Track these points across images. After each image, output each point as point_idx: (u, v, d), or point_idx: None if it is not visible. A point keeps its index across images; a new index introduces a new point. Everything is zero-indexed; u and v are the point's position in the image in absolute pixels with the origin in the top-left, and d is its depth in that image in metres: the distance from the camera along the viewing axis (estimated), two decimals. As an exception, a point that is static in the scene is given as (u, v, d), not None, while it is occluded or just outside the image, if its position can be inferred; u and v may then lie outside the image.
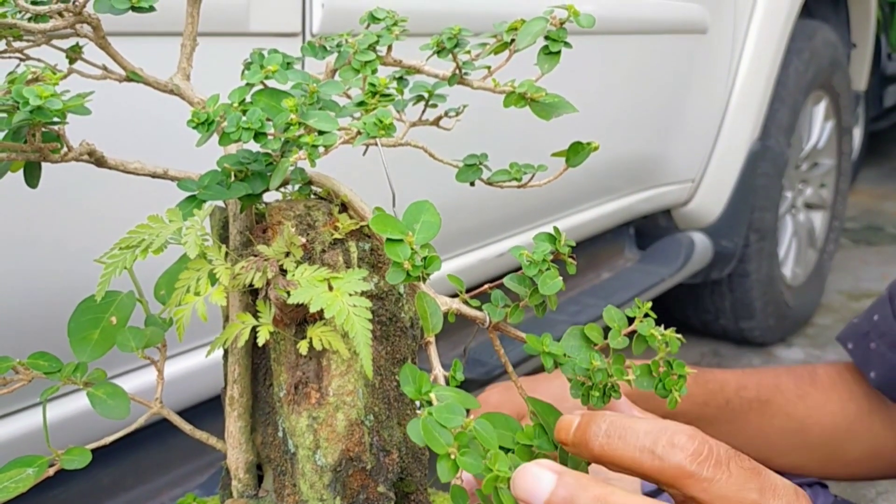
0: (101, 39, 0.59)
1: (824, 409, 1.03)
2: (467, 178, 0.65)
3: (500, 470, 0.47)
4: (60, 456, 0.54)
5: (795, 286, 2.80)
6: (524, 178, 0.65)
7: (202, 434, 0.59)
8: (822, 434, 1.02)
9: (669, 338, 0.53)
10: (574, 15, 0.58)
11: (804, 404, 1.03)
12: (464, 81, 0.62)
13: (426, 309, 0.52)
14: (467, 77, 0.62)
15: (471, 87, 0.62)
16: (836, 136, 2.99)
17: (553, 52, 0.58)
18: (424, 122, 0.73)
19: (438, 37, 0.60)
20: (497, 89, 0.60)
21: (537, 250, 0.54)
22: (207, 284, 0.49)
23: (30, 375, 0.55)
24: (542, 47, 0.59)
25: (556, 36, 0.58)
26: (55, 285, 0.89)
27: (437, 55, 0.60)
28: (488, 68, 0.61)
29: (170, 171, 0.59)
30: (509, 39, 0.60)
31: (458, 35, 0.60)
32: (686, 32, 2.18)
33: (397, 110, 0.72)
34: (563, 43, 0.58)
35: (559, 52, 0.58)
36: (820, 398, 1.03)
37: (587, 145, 0.62)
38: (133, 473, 1.18)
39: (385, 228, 0.48)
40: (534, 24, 0.59)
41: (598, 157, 0.64)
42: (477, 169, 0.65)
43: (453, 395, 0.49)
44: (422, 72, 0.63)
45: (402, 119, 0.72)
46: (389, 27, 0.62)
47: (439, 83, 0.66)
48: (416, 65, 0.63)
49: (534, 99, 0.58)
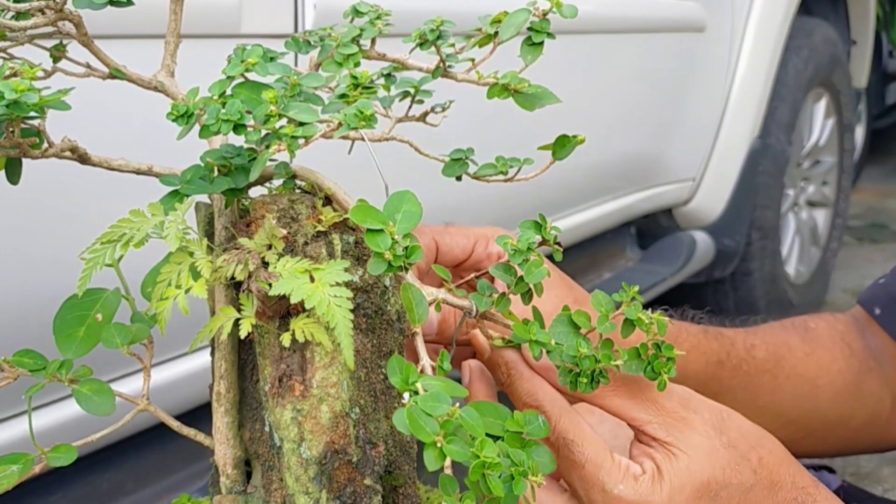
0: (84, 37, 0.59)
1: (831, 368, 0.98)
2: (453, 173, 0.65)
3: (488, 457, 0.46)
4: (47, 454, 0.54)
5: (799, 284, 2.79)
6: (510, 171, 0.65)
7: (190, 431, 0.58)
8: (832, 397, 0.97)
9: (657, 320, 0.53)
10: (557, 6, 0.58)
11: (814, 363, 0.97)
12: (448, 74, 0.61)
13: (411, 299, 0.52)
14: (451, 70, 0.61)
15: (455, 80, 0.62)
16: (838, 133, 2.98)
17: (536, 42, 0.58)
18: (411, 118, 0.73)
19: (421, 29, 0.60)
20: (481, 81, 0.60)
21: (522, 238, 0.54)
22: (189, 278, 0.49)
23: (15, 373, 0.55)
24: (524, 38, 0.59)
25: (539, 27, 0.58)
26: (41, 284, 0.89)
27: (419, 48, 0.60)
28: (472, 61, 0.61)
29: (154, 167, 0.59)
30: (493, 31, 0.60)
31: (441, 27, 0.59)
32: (684, 31, 2.18)
33: (384, 106, 0.72)
34: (546, 34, 0.58)
35: (542, 44, 0.58)
36: (826, 356, 0.98)
37: (573, 138, 0.61)
38: (132, 478, 1.18)
39: (365, 218, 0.47)
40: (517, 16, 0.59)
41: (597, 156, 0.64)
42: (463, 163, 0.64)
43: (440, 385, 0.48)
44: (406, 65, 0.63)
45: (388, 115, 0.72)
46: (373, 21, 0.62)
47: (425, 78, 0.66)
48: (400, 58, 0.63)
49: (517, 90, 0.58)
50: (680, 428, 0.58)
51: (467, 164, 0.65)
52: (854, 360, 0.98)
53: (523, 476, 0.48)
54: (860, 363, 0.98)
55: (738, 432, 0.60)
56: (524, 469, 0.48)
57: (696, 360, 0.86)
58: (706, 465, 0.57)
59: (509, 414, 0.52)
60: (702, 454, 0.58)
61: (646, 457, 0.58)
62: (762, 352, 0.95)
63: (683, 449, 0.58)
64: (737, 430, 0.60)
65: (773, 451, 0.61)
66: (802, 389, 0.96)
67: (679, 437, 0.58)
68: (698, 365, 0.86)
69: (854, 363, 0.98)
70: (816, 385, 0.97)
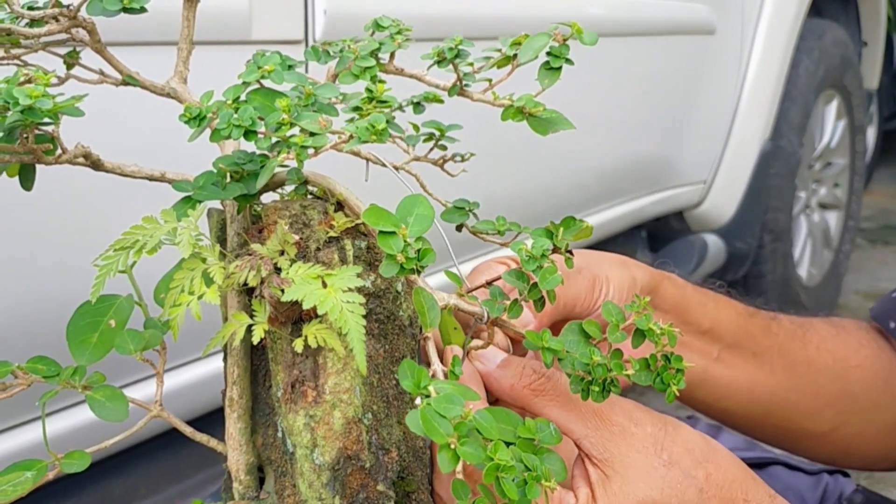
0: (97, 44, 0.59)
1: (860, 351, 0.92)
2: (453, 220, 0.64)
3: (502, 459, 0.46)
4: (60, 460, 0.54)
5: (811, 287, 2.78)
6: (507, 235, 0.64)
7: (202, 436, 0.58)
8: (862, 380, 0.92)
9: (668, 332, 0.52)
10: (577, 32, 0.58)
11: (842, 343, 0.92)
12: (464, 93, 0.61)
13: (423, 304, 0.52)
14: (467, 89, 0.61)
15: (470, 99, 0.61)
16: (849, 134, 2.97)
17: (554, 67, 0.58)
18: (430, 160, 0.71)
19: (439, 47, 0.60)
20: (496, 102, 0.59)
21: (536, 245, 0.54)
22: (202, 284, 0.49)
23: (29, 380, 0.55)
24: (543, 63, 0.58)
25: (558, 52, 0.58)
26: (54, 290, 0.89)
27: (437, 65, 0.60)
28: (489, 81, 0.60)
29: (167, 173, 0.59)
30: (512, 54, 0.59)
31: (459, 46, 0.59)
32: (694, 33, 2.17)
33: (408, 144, 0.71)
34: (565, 59, 0.58)
35: (560, 68, 0.58)
36: (852, 340, 0.93)
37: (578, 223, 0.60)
38: (145, 483, 1.18)
39: (378, 221, 0.47)
40: (537, 40, 0.59)
41: (608, 159, 0.64)
42: (464, 213, 0.64)
43: (452, 389, 0.48)
44: (422, 81, 0.62)
45: (409, 152, 0.71)
46: (393, 35, 0.62)
47: (453, 126, 0.65)
48: (417, 74, 0.63)
49: (531, 114, 0.57)
50: (618, 443, 0.56)
51: (468, 215, 0.64)
52: (883, 353, 0.94)
53: (536, 481, 0.48)
54: (891, 363, 0.94)
55: (684, 447, 0.57)
56: (537, 474, 0.48)
57: (727, 309, 0.83)
58: (642, 486, 0.55)
59: (521, 420, 0.52)
60: (637, 474, 0.55)
61: (582, 480, 0.56)
62: (787, 321, 0.90)
63: (618, 469, 0.55)
64: (682, 444, 0.57)
65: (722, 467, 0.57)
66: (834, 368, 0.90)
67: (615, 454, 0.55)
68: (729, 314, 0.83)
69: (884, 356, 0.94)
70: (847, 365, 0.91)
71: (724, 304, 0.85)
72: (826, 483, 1.03)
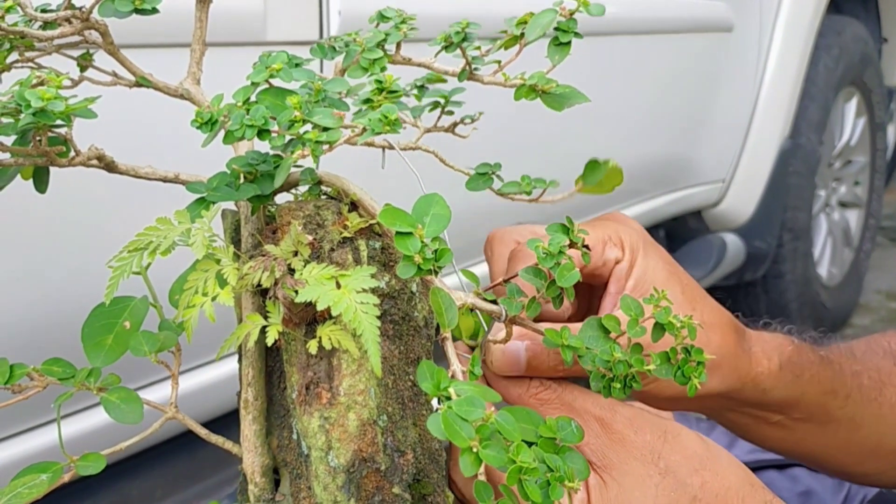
0: (110, 46, 0.59)
1: None
2: (478, 187, 0.64)
3: (524, 462, 0.45)
4: (76, 462, 0.54)
5: (832, 286, 2.75)
6: (535, 192, 0.64)
7: (218, 438, 0.58)
8: None
9: (688, 325, 0.52)
10: (584, 4, 0.57)
11: None
12: (474, 77, 0.61)
13: (441, 304, 0.51)
14: (477, 72, 0.61)
15: (482, 82, 0.61)
16: (869, 132, 2.94)
17: (563, 42, 0.57)
18: (440, 128, 0.72)
19: (446, 32, 0.59)
20: (508, 83, 0.59)
21: (553, 241, 0.53)
22: (215, 285, 0.49)
23: (44, 382, 0.55)
24: (552, 38, 0.58)
25: (565, 27, 0.58)
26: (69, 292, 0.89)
27: (445, 51, 0.60)
28: (498, 63, 0.60)
29: (181, 175, 0.59)
30: (519, 33, 0.59)
31: (466, 29, 0.59)
32: (712, 31, 2.16)
33: (413, 116, 0.72)
34: (574, 33, 0.57)
35: (569, 44, 0.58)
36: None
37: (604, 164, 0.60)
38: (161, 485, 1.18)
39: (394, 221, 0.47)
40: (543, 16, 0.58)
41: (626, 158, 0.63)
42: (488, 178, 0.64)
43: (473, 390, 0.48)
44: (431, 69, 0.62)
45: (417, 125, 0.71)
46: (398, 25, 0.61)
47: (456, 90, 0.65)
48: (426, 62, 0.62)
49: (544, 91, 0.57)
50: (617, 451, 0.56)
51: (492, 179, 0.64)
52: None
53: (560, 482, 0.47)
54: None
55: (682, 455, 0.57)
56: (561, 475, 0.47)
57: (813, 390, 0.82)
58: (637, 495, 0.55)
59: (542, 419, 0.51)
60: (633, 482, 0.55)
61: (581, 485, 0.56)
62: (866, 379, 0.89)
63: (615, 476, 0.56)
64: (680, 452, 0.57)
65: (720, 474, 0.57)
66: None
67: (614, 462, 0.56)
68: (814, 395, 0.81)
69: None
70: None
71: (811, 385, 0.80)
72: (849, 486, 1.01)
